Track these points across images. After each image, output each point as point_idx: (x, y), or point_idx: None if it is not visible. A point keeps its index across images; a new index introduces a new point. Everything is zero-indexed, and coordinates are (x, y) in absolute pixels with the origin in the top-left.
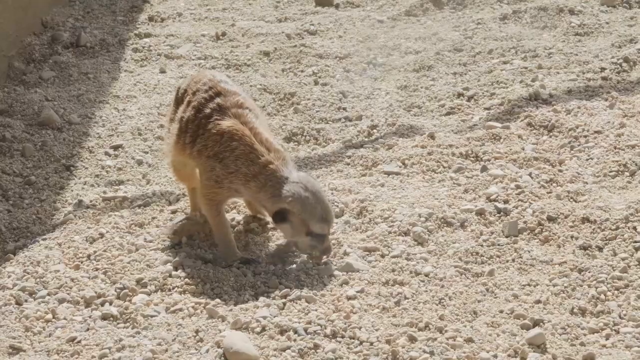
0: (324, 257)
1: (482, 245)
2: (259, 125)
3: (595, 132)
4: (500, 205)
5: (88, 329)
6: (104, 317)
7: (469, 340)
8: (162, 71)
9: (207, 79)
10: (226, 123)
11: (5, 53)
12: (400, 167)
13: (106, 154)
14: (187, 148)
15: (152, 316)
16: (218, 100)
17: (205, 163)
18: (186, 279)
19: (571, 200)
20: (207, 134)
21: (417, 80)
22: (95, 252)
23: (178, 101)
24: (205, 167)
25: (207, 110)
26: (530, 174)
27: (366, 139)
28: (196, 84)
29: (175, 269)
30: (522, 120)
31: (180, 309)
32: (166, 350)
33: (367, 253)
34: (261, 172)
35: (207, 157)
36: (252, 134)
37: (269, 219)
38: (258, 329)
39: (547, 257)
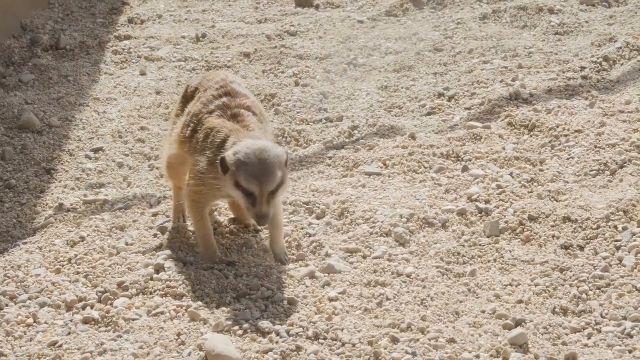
0: (259, 226)
1: (463, 246)
2: (256, 128)
3: (576, 131)
4: (482, 205)
5: (69, 333)
6: (85, 321)
7: (451, 340)
8: (142, 73)
9: (220, 78)
10: (219, 120)
11: None
12: (381, 167)
13: (86, 156)
14: (187, 142)
15: (133, 319)
16: (224, 99)
17: (193, 159)
18: (167, 282)
19: (552, 199)
20: (202, 128)
21: (398, 80)
22: (76, 255)
23: (187, 98)
24: (193, 164)
25: (212, 107)
26: (511, 174)
27: (347, 140)
28: (208, 82)
29: (157, 271)
30: (502, 120)
31: (162, 312)
32: (148, 354)
33: (349, 254)
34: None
35: (194, 152)
36: (244, 128)
37: (251, 221)
38: (240, 332)
39: (529, 257)
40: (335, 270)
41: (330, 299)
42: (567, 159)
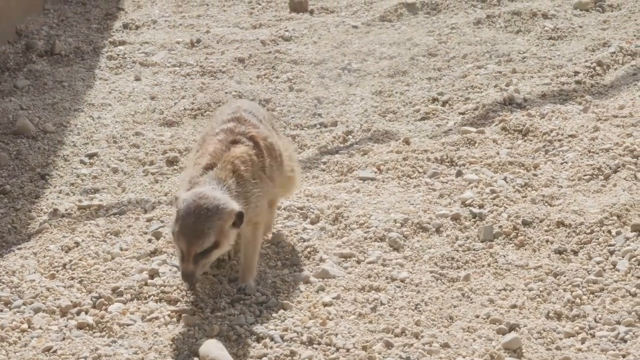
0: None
1: (457, 250)
2: (249, 165)
3: (570, 135)
4: (476, 210)
5: (64, 339)
6: (80, 327)
7: (445, 345)
8: (137, 79)
9: (236, 105)
10: (218, 146)
11: None
12: (375, 172)
13: (81, 162)
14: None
15: (128, 325)
16: (230, 124)
17: None
18: (162, 287)
19: (546, 204)
20: (201, 148)
21: (392, 85)
22: (70, 261)
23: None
24: None
25: (217, 129)
26: (505, 179)
27: (341, 145)
28: (226, 109)
29: (151, 277)
30: (496, 125)
31: (157, 318)
32: (142, 359)
33: (343, 259)
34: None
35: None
36: (230, 164)
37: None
38: (234, 337)
39: (523, 262)
40: (330, 275)
41: (325, 304)
42: (561, 163)
